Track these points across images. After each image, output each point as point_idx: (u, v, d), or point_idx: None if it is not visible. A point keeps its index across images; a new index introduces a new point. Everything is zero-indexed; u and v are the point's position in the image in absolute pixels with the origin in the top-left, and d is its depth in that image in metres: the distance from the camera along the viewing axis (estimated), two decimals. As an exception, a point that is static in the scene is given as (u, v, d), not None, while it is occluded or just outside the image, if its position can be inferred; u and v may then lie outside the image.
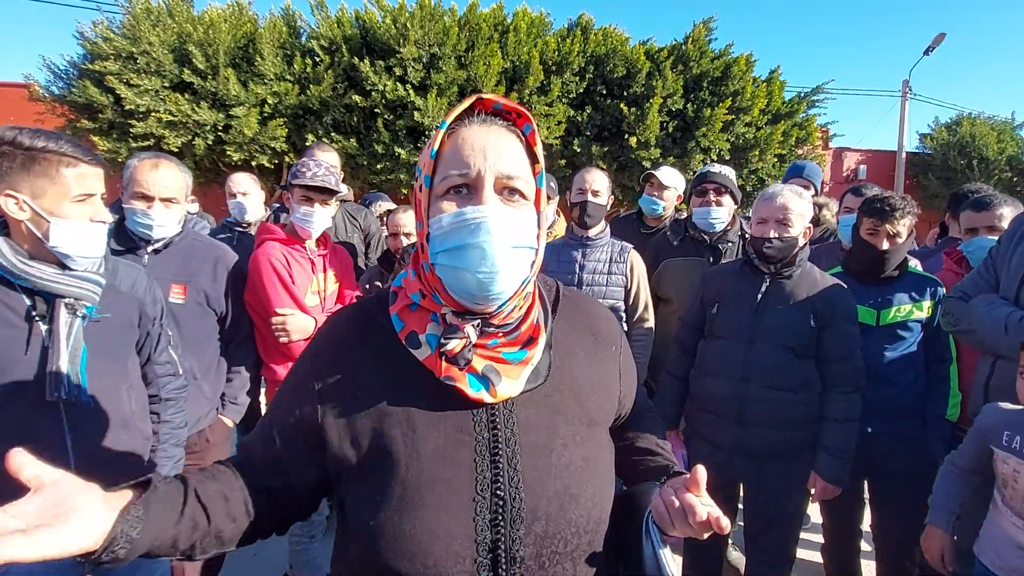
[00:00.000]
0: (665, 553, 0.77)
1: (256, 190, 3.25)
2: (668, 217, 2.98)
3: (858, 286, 2.05)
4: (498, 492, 0.72)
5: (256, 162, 8.74)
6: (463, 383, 0.73)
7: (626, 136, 9.13)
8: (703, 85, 9.44)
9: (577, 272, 2.43)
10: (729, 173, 2.62)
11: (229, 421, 2.08)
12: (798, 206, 1.88)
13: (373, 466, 0.74)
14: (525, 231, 0.74)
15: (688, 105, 9.30)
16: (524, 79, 8.75)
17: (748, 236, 2.05)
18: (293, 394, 0.82)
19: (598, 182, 2.50)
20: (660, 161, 8.95)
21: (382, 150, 8.62)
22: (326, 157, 2.94)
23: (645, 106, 8.91)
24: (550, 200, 2.77)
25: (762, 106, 9.49)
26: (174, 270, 1.90)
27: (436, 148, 0.74)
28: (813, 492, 1.93)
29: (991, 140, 13.60)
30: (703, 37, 9.49)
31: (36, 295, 1.23)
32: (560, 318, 0.87)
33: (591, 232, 2.49)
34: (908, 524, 1.74)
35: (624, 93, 9.30)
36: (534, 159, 0.78)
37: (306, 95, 8.49)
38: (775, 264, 1.92)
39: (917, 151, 15.22)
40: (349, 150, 8.65)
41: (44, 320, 1.24)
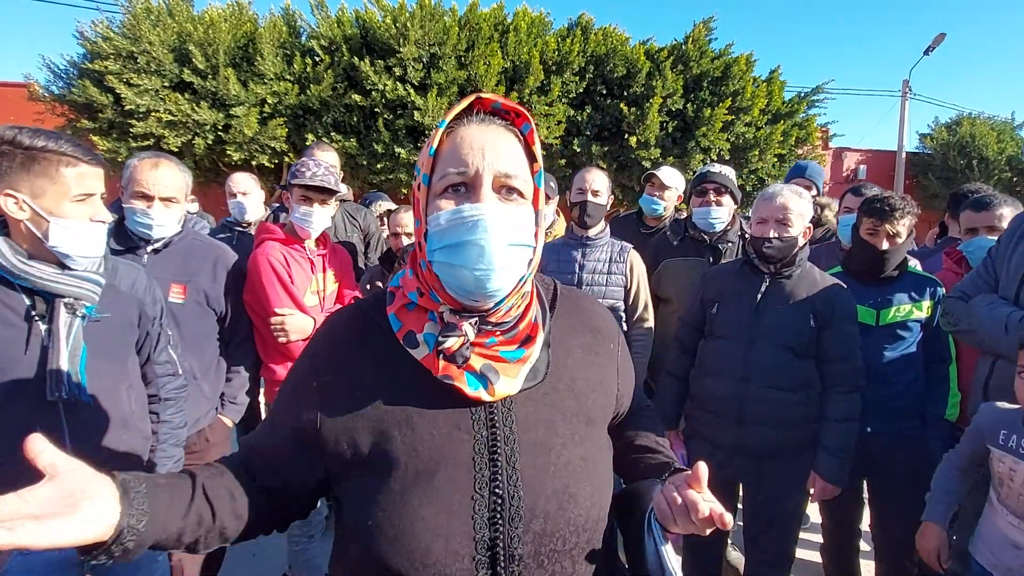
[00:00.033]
0: (667, 549, 0.77)
1: (256, 190, 3.25)
2: (668, 217, 2.98)
3: (858, 286, 2.05)
4: (496, 490, 0.73)
5: (256, 162, 8.75)
6: (461, 382, 0.73)
7: (626, 136, 9.14)
8: (703, 85, 9.44)
9: (577, 272, 2.43)
10: (729, 173, 2.62)
11: (228, 421, 2.09)
12: (798, 206, 1.88)
13: (372, 465, 0.74)
14: (523, 229, 0.74)
15: (688, 105, 9.30)
16: (524, 79, 8.75)
17: (748, 236, 2.05)
18: (292, 395, 0.83)
19: (598, 182, 2.51)
20: (660, 161, 8.95)
21: (382, 150, 8.62)
22: (326, 157, 2.94)
23: (645, 106, 8.91)
24: (549, 200, 2.77)
25: (762, 106, 9.50)
26: (174, 270, 1.90)
27: (435, 147, 0.74)
28: (813, 492, 1.94)
29: (991, 140, 13.61)
30: (703, 37, 9.50)
31: (36, 295, 1.24)
32: (558, 316, 0.87)
33: (591, 232, 2.49)
34: (907, 524, 1.74)
35: (624, 93, 9.31)
36: (532, 158, 0.78)
37: (306, 95, 8.49)
38: (775, 264, 1.92)
39: (917, 151, 15.23)
40: (349, 150, 8.65)
41: (44, 320, 1.24)
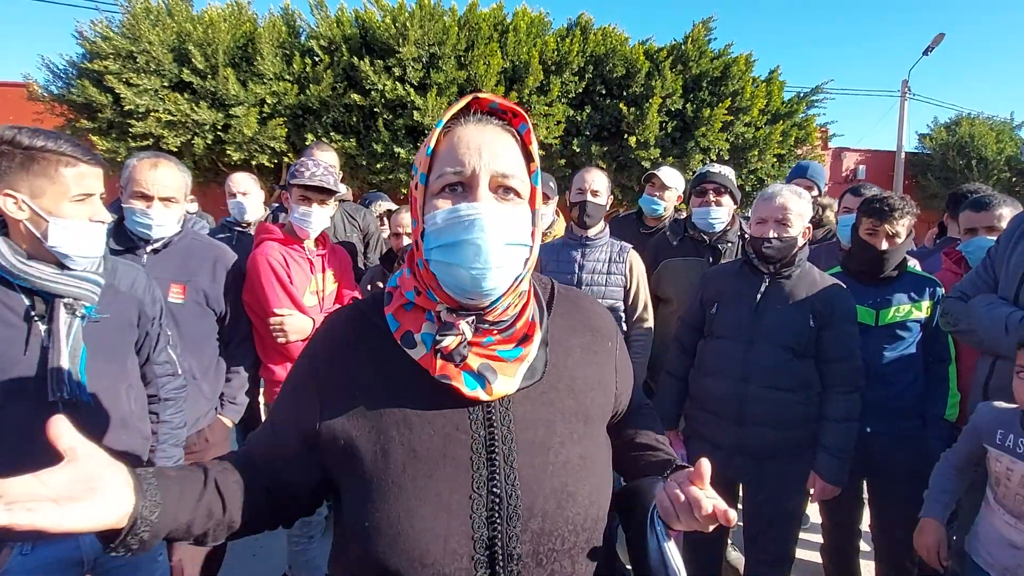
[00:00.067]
0: (670, 546, 0.77)
1: (256, 190, 3.25)
2: (668, 217, 2.98)
3: (857, 286, 2.05)
4: (494, 489, 0.73)
5: (256, 162, 8.73)
6: (459, 381, 0.74)
7: (625, 136, 9.13)
8: (702, 85, 9.43)
9: (576, 272, 2.43)
10: (729, 173, 2.62)
11: (228, 421, 2.08)
12: (797, 206, 1.89)
13: (370, 465, 0.74)
14: (519, 228, 0.74)
15: (687, 105, 9.29)
16: (524, 79, 8.74)
17: (747, 236, 2.05)
18: (292, 395, 0.83)
19: (597, 182, 2.51)
20: (659, 161, 8.94)
21: (382, 150, 8.60)
22: (325, 157, 2.94)
23: (644, 106, 8.90)
24: (549, 200, 2.77)
25: (761, 106, 9.48)
26: (173, 270, 1.90)
27: (432, 146, 0.75)
28: (812, 492, 1.94)
29: (990, 140, 13.61)
30: (702, 37, 9.48)
31: (35, 295, 1.23)
32: (556, 315, 0.88)
33: (590, 232, 2.49)
34: (907, 524, 1.74)
35: (623, 93, 9.30)
36: (529, 158, 0.78)
37: (305, 95, 8.47)
38: (774, 264, 1.92)
39: (916, 151, 15.23)
40: (348, 150, 8.64)
41: (43, 320, 1.24)
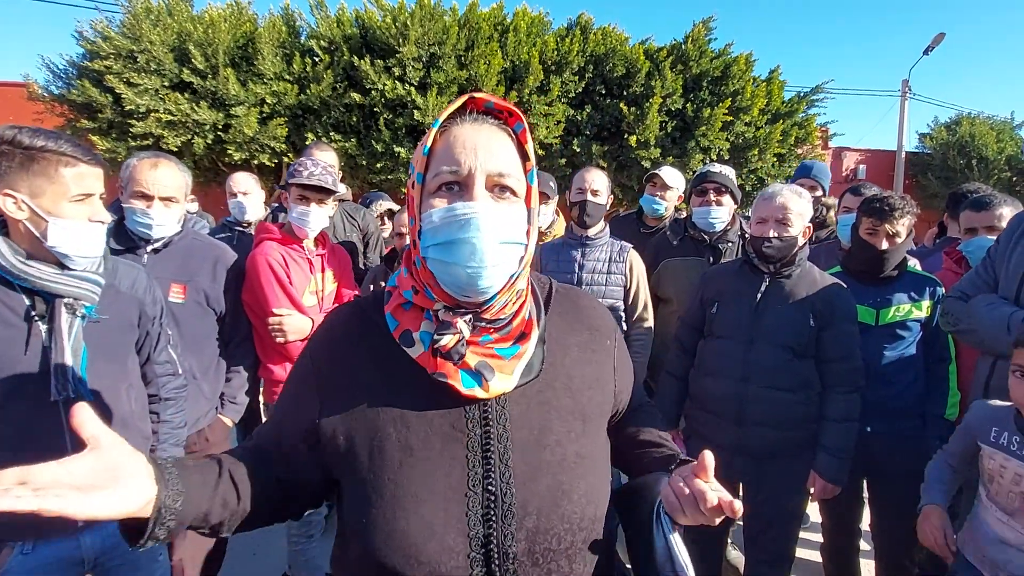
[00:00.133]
0: (676, 539, 0.77)
1: (256, 190, 3.25)
2: (668, 217, 2.98)
3: (857, 286, 2.05)
4: (489, 487, 0.73)
5: (256, 161, 8.73)
6: (455, 380, 0.74)
7: (625, 136, 9.12)
8: (703, 85, 9.42)
9: (576, 272, 2.43)
10: (729, 173, 2.62)
11: (228, 421, 2.09)
12: (797, 206, 1.89)
13: (367, 463, 0.75)
14: (515, 227, 0.75)
15: (688, 105, 9.29)
16: (524, 79, 8.74)
17: (748, 236, 2.05)
18: (293, 392, 0.84)
19: (597, 182, 2.50)
20: (659, 161, 8.94)
21: (382, 149, 8.60)
22: (324, 156, 2.94)
23: (644, 106, 8.90)
24: (549, 200, 2.77)
25: (762, 106, 9.48)
26: (174, 269, 1.90)
27: (429, 146, 0.75)
28: (812, 491, 1.94)
29: (990, 140, 13.60)
30: (703, 37, 9.48)
31: (35, 295, 1.24)
32: (553, 313, 0.88)
33: (590, 232, 2.49)
34: (907, 523, 1.74)
35: (623, 93, 9.29)
36: (525, 157, 0.79)
37: (306, 94, 8.47)
38: (774, 264, 1.92)
39: (916, 151, 15.22)
40: (349, 149, 8.64)
41: (43, 320, 1.24)
